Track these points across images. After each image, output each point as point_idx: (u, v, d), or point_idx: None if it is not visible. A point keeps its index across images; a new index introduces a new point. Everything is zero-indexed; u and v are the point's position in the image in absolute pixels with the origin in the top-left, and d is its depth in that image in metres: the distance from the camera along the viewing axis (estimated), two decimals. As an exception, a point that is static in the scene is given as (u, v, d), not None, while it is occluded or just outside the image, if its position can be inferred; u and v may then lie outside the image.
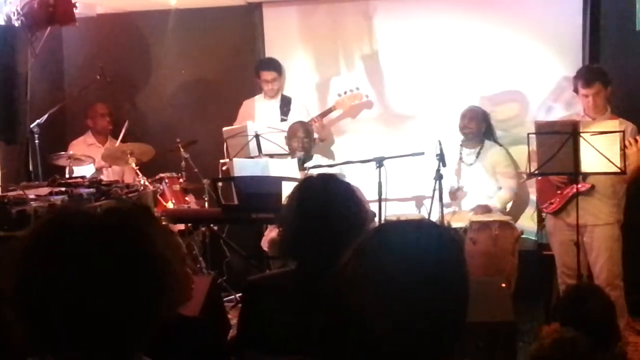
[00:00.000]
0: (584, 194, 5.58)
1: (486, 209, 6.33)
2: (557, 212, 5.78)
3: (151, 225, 1.62)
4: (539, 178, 5.90)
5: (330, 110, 7.14)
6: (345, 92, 7.14)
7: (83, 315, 1.46)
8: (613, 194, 5.69)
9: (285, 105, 7.22)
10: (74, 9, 5.88)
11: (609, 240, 5.67)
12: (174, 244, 1.63)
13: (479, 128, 6.50)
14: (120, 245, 1.51)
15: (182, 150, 7.02)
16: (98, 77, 7.14)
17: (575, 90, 5.79)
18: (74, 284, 1.46)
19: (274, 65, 7.20)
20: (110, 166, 7.25)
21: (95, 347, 1.49)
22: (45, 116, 6.66)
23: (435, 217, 5.88)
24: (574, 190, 5.47)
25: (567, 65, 6.77)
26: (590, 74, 5.76)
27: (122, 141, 7.26)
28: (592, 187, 5.61)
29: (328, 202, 2.72)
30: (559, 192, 5.74)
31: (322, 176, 2.99)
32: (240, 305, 3.45)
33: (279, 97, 7.25)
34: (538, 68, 6.92)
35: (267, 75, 7.13)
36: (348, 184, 2.87)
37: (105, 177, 6.75)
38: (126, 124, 7.27)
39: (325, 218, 2.67)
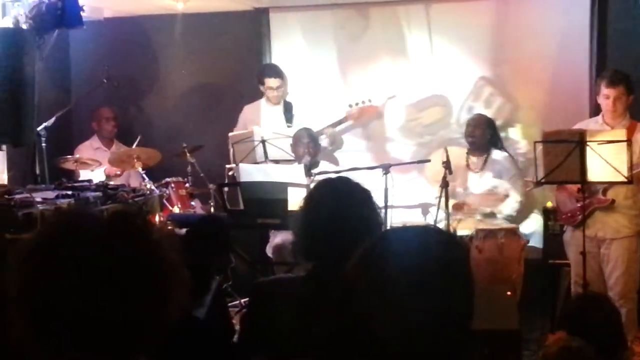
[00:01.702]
0: (604, 208, 5.56)
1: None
2: (578, 225, 5.73)
3: (157, 229, 1.62)
4: (559, 189, 5.88)
5: (340, 122, 7.13)
6: (357, 104, 7.13)
7: (88, 319, 1.46)
8: (634, 204, 5.64)
9: (289, 111, 7.22)
10: (82, 12, 5.89)
11: (626, 253, 5.62)
12: (179, 248, 1.63)
13: (484, 136, 6.48)
14: (127, 249, 1.51)
15: (188, 155, 7.02)
16: (105, 80, 7.15)
17: (597, 92, 5.74)
18: (79, 287, 1.46)
19: (278, 72, 7.21)
20: (121, 174, 7.26)
21: (100, 351, 1.49)
22: (53, 119, 6.67)
23: (441, 224, 5.87)
24: (595, 205, 5.47)
25: (483, 66, 7.11)
26: (616, 75, 5.68)
27: (129, 145, 7.29)
28: (613, 201, 5.58)
29: (348, 205, 2.70)
30: (578, 204, 5.68)
31: (341, 179, 2.98)
32: (245, 310, 3.45)
33: (282, 103, 7.25)
34: (456, 71, 7.14)
35: (273, 82, 7.13)
36: (365, 188, 2.85)
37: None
38: (139, 137, 7.27)
39: (344, 220, 2.64)
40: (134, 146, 7.23)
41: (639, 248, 5.67)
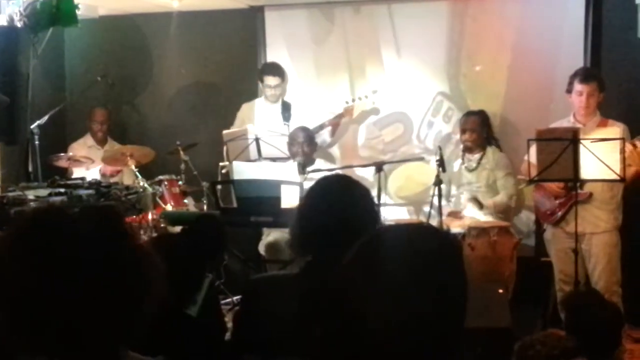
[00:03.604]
0: (582, 202, 5.58)
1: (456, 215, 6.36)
2: (558, 222, 5.79)
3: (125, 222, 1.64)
4: (537, 188, 5.91)
5: (340, 117, 7.11)
6: (353, 100, 7.12)
7: (68, 314, 1.47)
8: (611, 199, 5.70)
9: (286, 110, 7.21)
10: (76, 10, 5.89)
11: (607, 248, 5.68)
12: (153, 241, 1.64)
13: (480, 138, 6.48)
14: (99, 243, 1.52)
15: (182, 152, 7.01)
16: (99, 78, 7.14)
17: (569, 90, 5.78)
18: (54, 283, 1.47)
19: (278, 71, 7.19)
20: (117, 173, 7.26)
21: (83, 344, 1.49)
22: (46, 117, 6.65)
23: (434, 222, 5.88)
24: (573, 199, 5.48)
25: (440, 81, 7.17)
26: (589, 72, 5.83)
27: (123, 143, 7.30)
28: (591, 194, 5.62)
29: (348, 201, 2.73)
30: (557, 201, 5.74)
31: (342, 176, 3.01)
32: (237, 308, 3.46)
33: (280, 102, 7.25)
34: (416, 86, 7.21)
35: (271, 80, 7.13)
36: (365, 186, 2.89)
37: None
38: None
39: (344, 216, 2.66)
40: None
41: (619, 242, 5.72)
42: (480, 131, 6.48)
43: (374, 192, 6.05)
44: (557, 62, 6.77)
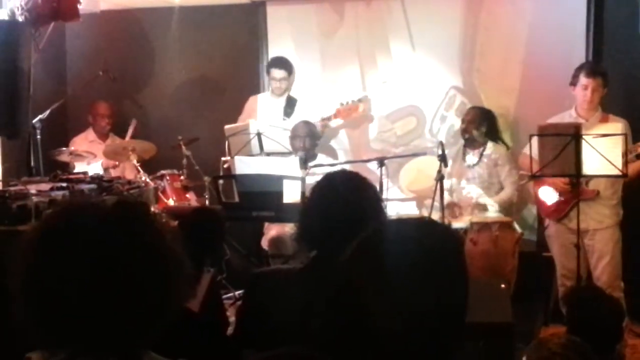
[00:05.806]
0: (588, 199, 5.59)
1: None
2: (561, 219, 5.78)
3: (158, 219, 1.63)
4: (538, 184, 5.91)
5: (329, 118, 7.10)
6: (347, 102, 7.11)
7: (93, 309, 1.46)
8: (613, 194, 5.73)
9: (290, 106, 7.21)
10: (78, 4, 5.88)
11: (610, 243, 5.69)
12: (179, 239, 1.64)
13: (479, 132, 6.48)
14: (130, 238, 1.52)
15: (183, 147, 7.02)
16: (101, 73, 7.14)
17: (573, 83, 5.77)
18: (84, 277, 1.46)
19: (285, 65, 7.21)
20: (117, 165, 7.26)
21: (104, 340, 1.49)
22: (48, 112, 6.65)
23: (435, 217, 5.87)
24: (580, 197, 5.47)
25: (454, 75, 7.16)
26: (595, 67, 5.82)
27: (124, 138, 7.31)
28: (598, 192, 5.63)
29: (359, 197, 2.76)
30: (562, 198, 5.73)
31: (351, 172, 3.04)
32: (239, 302, 3.46)
33: (285, 96, 7.25)
34: (429, 80, 7.20)
35: (277, 73, 7.15)
36: (370, 182, 2.93)
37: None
38: (133, 122, 7.28)
39: (355, 211, 2.67)
40: (129, 133, 7.27)
41: (620, 237, 5.74)
42: (477, 124, 6.48)
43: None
44: (571, 57, 6.72)
